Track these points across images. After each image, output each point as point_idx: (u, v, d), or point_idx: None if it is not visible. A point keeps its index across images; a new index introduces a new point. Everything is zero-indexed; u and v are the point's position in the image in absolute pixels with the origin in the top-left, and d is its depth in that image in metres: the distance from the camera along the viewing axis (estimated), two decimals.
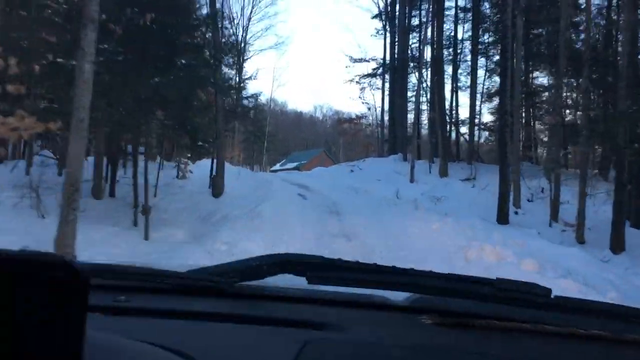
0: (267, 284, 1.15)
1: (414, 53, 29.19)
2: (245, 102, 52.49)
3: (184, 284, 1.14)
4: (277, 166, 78.56)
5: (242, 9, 52.01)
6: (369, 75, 31.65)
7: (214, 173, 16.44)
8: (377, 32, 31.80)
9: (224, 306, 1.08)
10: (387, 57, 30.66)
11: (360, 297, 1.16)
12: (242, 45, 53.41)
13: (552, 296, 1.03)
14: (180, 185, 16.42)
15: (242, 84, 52.24)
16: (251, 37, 52.53)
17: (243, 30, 53.27)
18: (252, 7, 52.59)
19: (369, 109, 32.17)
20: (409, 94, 29.82)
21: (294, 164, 72.06)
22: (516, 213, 16.89)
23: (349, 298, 1.15)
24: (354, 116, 31.43)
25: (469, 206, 17.63)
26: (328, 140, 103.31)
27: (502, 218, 15.76)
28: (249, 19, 53.17)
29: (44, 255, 0.54)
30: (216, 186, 15.58)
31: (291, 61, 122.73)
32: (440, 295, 1.08)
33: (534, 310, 1.04)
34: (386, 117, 31.77)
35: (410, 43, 29.43)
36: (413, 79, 29.79)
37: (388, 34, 30.61)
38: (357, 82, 32.55)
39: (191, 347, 0.83)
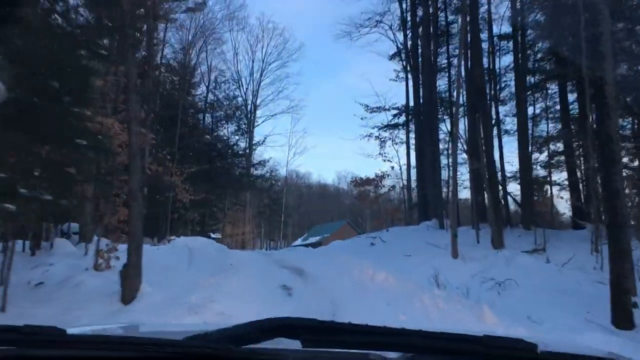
0: (263, 347, 1.14)
1: (443, 96, 23.51)
2: (256, 170, 47.58)
3: (181, 352, 1.13)
4: (299, 241, 72.30)
5: (251, 73, 48.01)
6: (389, 126, 25.93)
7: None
8: (397, 76, 26.44)
9: None
10: (411, 102, 25.17)
11: (355, 356, 1.15)
12: (252, 111, 49.15)
13: (538, 351, 1.04)
14: (79, 281, 10.21)
15: (251, 151, 47.48)
16: (261, 102, 48.48)
17: (252, 95, 49.18)
18: (262, 71, 48.86)
19: (392, 167, 26.24)
20: (441, 146, 23.88)
21: (316, 238, 65.67)
22: (635, 306, 10.15)
23: (344, 357, 1.16)
24: (373, 176, 25.42)
25: (552, 295, 11.01)
26: (354, 211, 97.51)
27: (623, 319, 9.10)
28: (259, 83, 49.24)
29: None
30: (127, 285, 9.28)
31: (309, 128, 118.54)
32: (433, 354, 1.10)
33: None
34: (413, 177, 25.79)
35: (437, 85, 23.82)
36: (443, 127, 23.92)
37: (410, 76, 25.20)
38: (376, 136, 26.85)
39: None
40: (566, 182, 21.07)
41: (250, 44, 52.66)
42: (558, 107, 21.33)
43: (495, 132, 21.64)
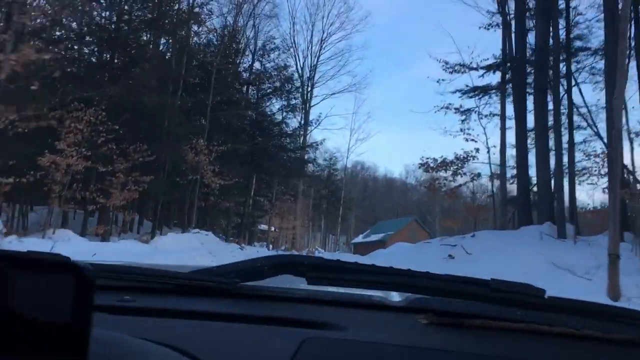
0: (268, 284, 1.15)
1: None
2: (309, 155, 41.01)
3: (187, 284, 1.14)
4: (360, 237, 65.39)
5: (309, 46, 41.46)
6: (477, 89, 18.29)
7: None
8: (490, 24, 18.78)
9: (226, 306, 1.09)
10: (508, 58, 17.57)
11: (359, 297, 1.16)
12: (308, 88, 42.69)
13: (545, 296, 1.04)
14: None
15: (306, 132, 40.86)
16: (319, 77, 42.04)
17: (310, 70, 42.72)
18: (322, 43, 42.25)
19: (476, 150, 18.66)
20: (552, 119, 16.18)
21: (379, 236, 58.42)
22: None
23: (348, 298, 1.16)
24: (451, 158, 17.67)
25: None
26: (421, 207, 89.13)
27: None
28: (318, 57, 42.72)
29: (51, 256, 0.57)
30: None
31: (375, 115, 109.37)
32: (438, 295, 1.09)
33: (528, 310, 1.04)
34: (510, 163, 18.26)
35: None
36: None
37: (504, 22, 17.65)
38: (456, 109, 19.36)
39: (195, 346, 0.84)
40: None
41: (309, 12, 45.93)
42: None
43: None
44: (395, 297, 1.15)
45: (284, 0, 51.06)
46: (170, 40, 25.11)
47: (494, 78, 18.55)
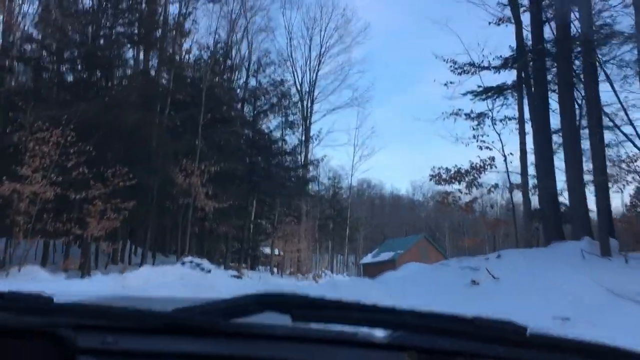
0: (252, 321, 1.12)
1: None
2: (310, 173, 38.83)
3: (171, 323, 1.11)
4: (369, 257, 62.90)
5: (307, 61, 39.77)
6: (490, 91, 16.20)
7: None
8: (500, 19, 16.82)
9: (210, 345, 1.08)
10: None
11: (344, 334, 1.13)
12: (308, 104, 40.84)
13: (527, 334, 1.05)
14: None
15: (307, 151, 38.77)
16: (319, 93, 40.23)
17: (309, 85, 40.95)
18: (320, 57, 40.56)
19: (491, 158, 16.44)
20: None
21: (389, 255, 56.01)
22: None
23: (333, 336, 1.13)
24: (466, 168, 15.44)
25: None
26: (430, 224, 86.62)
27: None
28: (317, 72, 40.99)
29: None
30: None
31: (378, 131, 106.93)
32: (422, 332, 1.09)
33: (510, 348, 1.05)
34: (531, 171, 16.11)
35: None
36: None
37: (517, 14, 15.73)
38: (466, 114, 17.31)
39: None
40: None
41: (306, 26, 44.31)
42: None
43: None
44: (380, 334, 1.11)
45: (279, 15, 49.67)
46: (156, 56, 23.39)
47: (508, 77, 16.62)
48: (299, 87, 38.19)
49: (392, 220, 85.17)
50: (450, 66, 16.82)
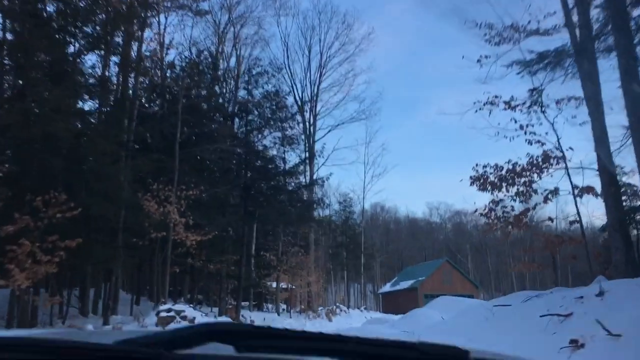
0: (196, 352, 1.08)
1: None
2: (316, 195, 34.13)
3: (111, 356, 1.06)
4: (388, 287, 57.71)
5: (307, 73, 35.73)
6: (545, 58, 11.71)
7: None
8: None
9: None
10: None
11: None
12: (311, 121, 36.61)
13: (471, 358, 1.06)
14: None
15: (312, 172, 34.20)
16: (322, 107, 35.99)
17: (311, 100, 36.81)
18: (321, 68, 36.52)
19: (544, 153, 11.84)
20: None
21: (409, 282, 50.84)
22: None
23: None
24: (523, 164, 10.93)
25: None
26: (450, 246, 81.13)
27: None
28: (318, 85, 36.90)
29: None
30: None
31: (390, 152, 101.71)
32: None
33: None
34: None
35: None
36: None
37: None
38: (506, 102, 12.83)
39: None
40: None
41: (304, 35, 40.43)
42: None
43: None
44: None
45: (273, 25, 45.96)
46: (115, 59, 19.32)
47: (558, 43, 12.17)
48: (299, 101, 34.07)
49: (409, 245, 79.90)
50: (485, 34, 12.42)
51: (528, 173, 11.06)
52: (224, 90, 25.83)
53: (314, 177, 29.96)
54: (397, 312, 41.87)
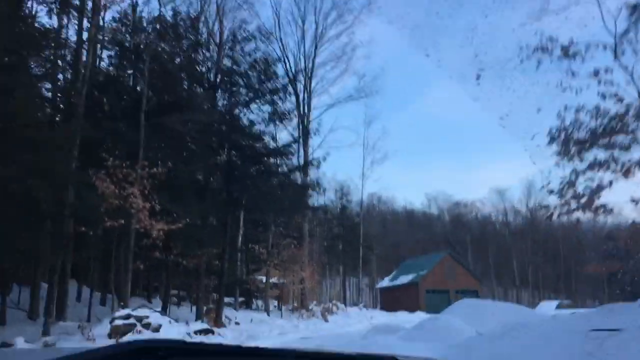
0: None
1: None
2: (311, 178, 30.34)
3: None
4: (386, 281, 54.29)
5: (300, 46, 32.09)
6: None
7: None
8: None
9: None
10: None
11: None
12: (305, 97, 33.02)
13: None
14: None
15: (306, 153, 30.44)
16: (317, 84, 32.41)
17: (305, 76, 33.21)
18: (317, 40, 32.87)
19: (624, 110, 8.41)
20: None
21: (409, 277, 47.43)
22: None
23: None
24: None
25: None
26: (449, 239, 77.77)
27: None
28: (313, 59, 33.27)
29: None
30: None
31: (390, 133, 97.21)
32: None
33: None
34: None
35: None
36: None
37: None
38: (564, 49, 9.46)
39: None
40: None
41: (297, 4, 36.46)
42: None
43: None
44: None
45: None
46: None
47: None
48: (291, 76, 30.42)
49: (406, 238, 76.46)
50: None
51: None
52: (205, 58, 22.13)
53: (309, 159, 26.38)
54: (397, 309, 38.62)
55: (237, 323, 21.88)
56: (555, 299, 51.35)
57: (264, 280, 28.94)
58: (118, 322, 13.50)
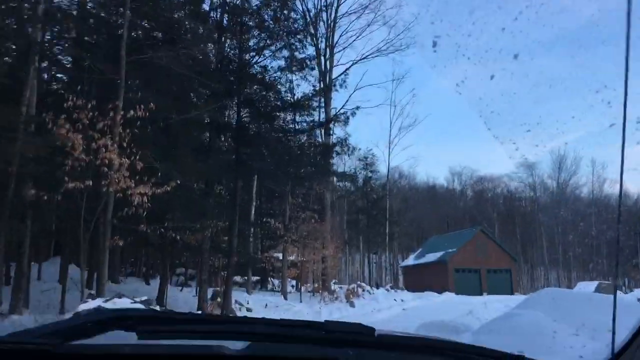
0: (95, 342, 1.02)
1: None
2: (334, 138, 26.07)
3: (3, 349, 1.00)
4: (411, 259, 50.37)
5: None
6: None
7: None
8: None
9: None
10: None
11: (194, 348, 1.04)
12: (327, 54, 28.85)
13: (375, 334, 1.03)
14: None
15: (328, 110, 26.10)
16: (341, 36, 28.16)
17: (327, 27, 29.00)
18: None
19: None
20: None
21: (437, 255, 43.40)
22: None
23: (182, 351, 1.04)
24: None
25: None
26: (475, 215, 73.39)
27: None
28: (336, 9, 29.06)
29: None
30: None
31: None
32: (275, 341, 1.06)
33: (360, 349, 1.04)
34: None
35: None
36: None
37: None
38: None
39: None
40: None
41: None
42: None
43: None
44: (232, 345, 1.03)
45: None
46: None
47: None
48: (311, 28, 26.25)
49: (429, 214, 72.20)
50: None
51: None
52: None
53: (331, 114, 22.36)
54: (422, 289, 34.84)
55: (248, 309, 18.34)
56: (592, 279, 47.20)
57: (281, 258, 25.40)
58: (81, 315, 10.00)
